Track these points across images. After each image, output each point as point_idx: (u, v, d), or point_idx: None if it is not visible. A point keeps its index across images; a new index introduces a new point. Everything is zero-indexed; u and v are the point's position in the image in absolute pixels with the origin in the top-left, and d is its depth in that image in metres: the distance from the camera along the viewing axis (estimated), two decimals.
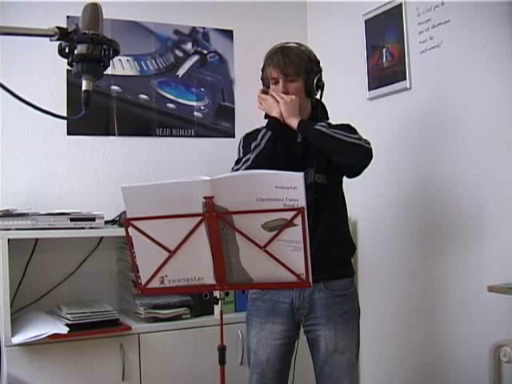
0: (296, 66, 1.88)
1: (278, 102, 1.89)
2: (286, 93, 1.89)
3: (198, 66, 2.93)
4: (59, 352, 2.19)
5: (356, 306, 1.97)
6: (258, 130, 1.93)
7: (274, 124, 1.89)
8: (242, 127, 2.55)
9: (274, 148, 1.86)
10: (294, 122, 1.87)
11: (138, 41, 2.80)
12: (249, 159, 1.87)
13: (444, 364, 2.25)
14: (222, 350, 1.64)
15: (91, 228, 2.34)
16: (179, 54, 2.89)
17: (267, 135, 1.87)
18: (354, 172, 1.92)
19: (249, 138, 1.97)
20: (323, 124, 1.87)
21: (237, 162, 1.93)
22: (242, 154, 1.95)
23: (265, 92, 1.97)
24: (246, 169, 1.84)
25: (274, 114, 1.90)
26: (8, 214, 2.24)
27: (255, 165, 1.81)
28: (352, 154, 1.83)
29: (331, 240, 1.90)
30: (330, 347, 1.87)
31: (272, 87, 1.94)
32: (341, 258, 1.96)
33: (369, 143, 1.86)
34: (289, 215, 1.45)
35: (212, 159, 2.84)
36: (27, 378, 2.15)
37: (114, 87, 2.74)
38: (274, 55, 1.91)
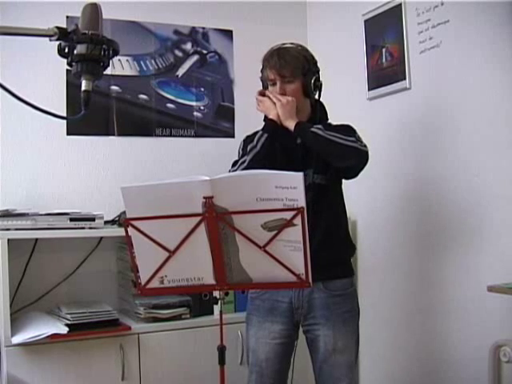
0: (292, 67, 1.88)
1: (275, 103, 1.90)
2: (284, 94, 1.89)
3: (198, 66, 2.93)
4: (59, 352, 2.19)
5: (355, 306, 1.97)
6: (257, 133, 1.93)
7: (270, 126, 1.90)
8: (242, 127, 2.55)
9: (270, 150, 1.87)
10: (291, 124, 1.87)
11: (137, 41, 2.80)
12: (245, 161, 1.87)
13: (444, 364, 2.25)
14: (221, 350, 1.65)
15: (91, 228, 2.34)
16: (179, 54, 2.89)
17: (263, 137, 1.88)
18: (350, 174, 1.94)
19: (248, 140, 1.97)
20: (319, 126, 1.87)
21: (233, 164, 1.93)
22: (240, 157, 1.95)
23: (262, 93, 1.97)
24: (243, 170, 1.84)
25: (271, 115, 1.90)
26: (8, 214, 2.24)
27: (251, 167, 1.81)
28: (347, 156, 1.83)
29: (330, 240, 1.90)
30: (329, 347, 1.87)
31: (270, 89, 1.94)
32: (340, 257, 1.97)
33: (365, 146, 1.86)
34: (288, 215, 1.46)
35: (212, 159, 2.84)
36: (27, 378, 2.15)
37: (113, 87, 2.74)
38: (271, 57, 1.91)
